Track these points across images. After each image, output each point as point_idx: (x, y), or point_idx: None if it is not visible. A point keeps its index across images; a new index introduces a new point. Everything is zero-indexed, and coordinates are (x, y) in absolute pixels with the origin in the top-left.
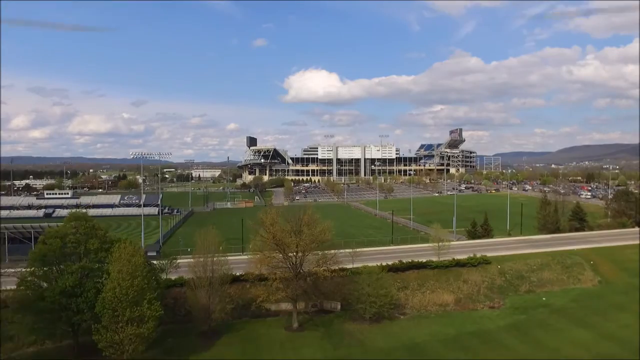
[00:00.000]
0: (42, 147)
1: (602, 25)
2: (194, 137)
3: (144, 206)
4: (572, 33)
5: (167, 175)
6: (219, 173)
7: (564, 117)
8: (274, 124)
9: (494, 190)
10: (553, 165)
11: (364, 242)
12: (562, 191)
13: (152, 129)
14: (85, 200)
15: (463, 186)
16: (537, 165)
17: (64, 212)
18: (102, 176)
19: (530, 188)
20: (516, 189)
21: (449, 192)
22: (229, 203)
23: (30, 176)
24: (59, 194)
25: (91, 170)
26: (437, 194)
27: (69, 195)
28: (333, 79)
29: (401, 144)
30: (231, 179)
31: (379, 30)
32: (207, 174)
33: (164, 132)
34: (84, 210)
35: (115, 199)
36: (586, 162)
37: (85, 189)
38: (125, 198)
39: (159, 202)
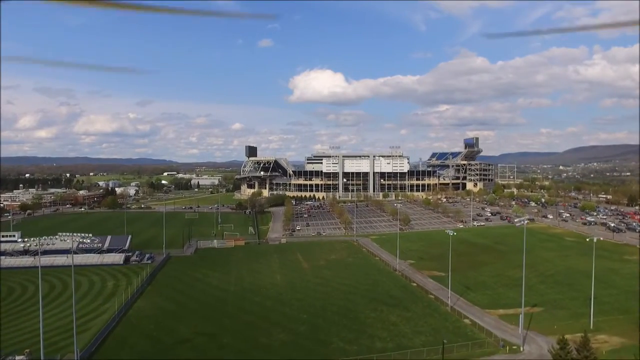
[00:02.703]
0: (48, 147)
1: (609, 24)
2: (199, 137)
3: (107, 251)
4: (578, 33)
5: (164, 182)
6: (218, 181)
7: (570, 117)
8: (278, 124)
9: (528, 220)
10: (561, 167)
11: None
12: (611, 224)
13: (158, 129)
14: (35, 244)
15: (488, 211)
16: (545, 166)
17: (7, 262)
18: (100, 182)
19: (568, 216)
20: (551, 216)
21: (475, 223)
22: (215, 240)
23: (21, 185)
24: (4, 236)
25: (91, 174)
26: (461, 225)
27: (16, 238)
28: (338, 78)
29: (406, 144)
30: (231, 187)
31: (384, 30)
32: (206, 181)
33: (169, 132)
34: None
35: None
36: (594, 164)
37: (68, 205)
38: (87, 241)
39: (127, 246)
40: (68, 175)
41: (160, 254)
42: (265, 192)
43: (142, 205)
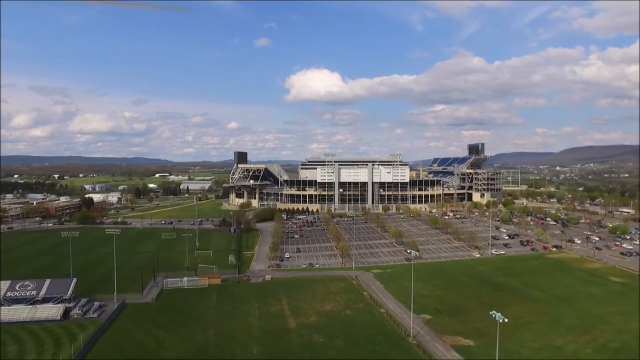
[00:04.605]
0: (43, 146)
1: (606, 25)
2: (195, 136)
3: (44, 301)
4: (575, 33)
5: (153, 185)
6: (209, 185)
7: (566, 117)
8: (275, 123)
9: (553, 247)
10: (558, 168)
11: None
12: None
13: (154, 128)
14: None
15: (503, 231)
16: (541, 166)
17: None
18: (86, 186)
19: (597, 240)
20: (579, 240)
21: (493, 251)
22: (185, 278)
23: None
24: None
25: (81, 175)
26: (477, 254)
27: None
28: (335, 78)
29: (402, 143)
30: (221, 191)
31: (381, 29)
32: (196, 185)
33: (165, 131)
34: None
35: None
36: (591, 164)
37: (37, 218)
38: (18, 287)
39: (69, 294)
40: (57, 176)
41: (117, 301)
42: (255, 203)
43: (119, 219)
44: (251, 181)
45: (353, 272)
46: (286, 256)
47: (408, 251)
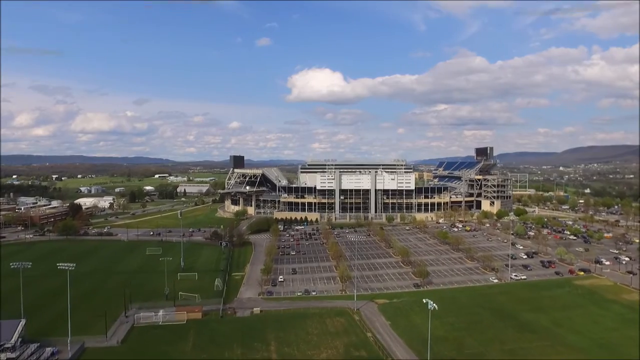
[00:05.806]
0: (45, 145)
1: (608, 25)
2: (197, 136)
3: None
4: (578, 33)
5: (149, 187)
6: (207, 188)
7: (568, 117)
8: (276, 123)
9: (580, 271)
10: (561, 168)
11: None
12: None
13: (155, 127)
14: None
15: (520, 247)
16: (544, 167)
17: None
18: (82, 188)
19: (628, 260)
20: (607, 261)
21: (513, 275)
22: (161, 312)
23: None
24: None
25: (79, 176)
26: (495, 279)
27: None
28: (337, 77)
29: (404, 143)
30: (217, 197)
31: (383, 29)
32: (194, 188)
33: (166, 130)
34: None
35: None
36: (595, 165)
37: (20, 227)
38: None
39: (14, 341)
40: (55, 177)
41: (74, 343)
42: (251, 210)
43: (105, 229)
44: (247, 187)
45: (354, 302)
46: (280, 280)
47: (423, 289)
